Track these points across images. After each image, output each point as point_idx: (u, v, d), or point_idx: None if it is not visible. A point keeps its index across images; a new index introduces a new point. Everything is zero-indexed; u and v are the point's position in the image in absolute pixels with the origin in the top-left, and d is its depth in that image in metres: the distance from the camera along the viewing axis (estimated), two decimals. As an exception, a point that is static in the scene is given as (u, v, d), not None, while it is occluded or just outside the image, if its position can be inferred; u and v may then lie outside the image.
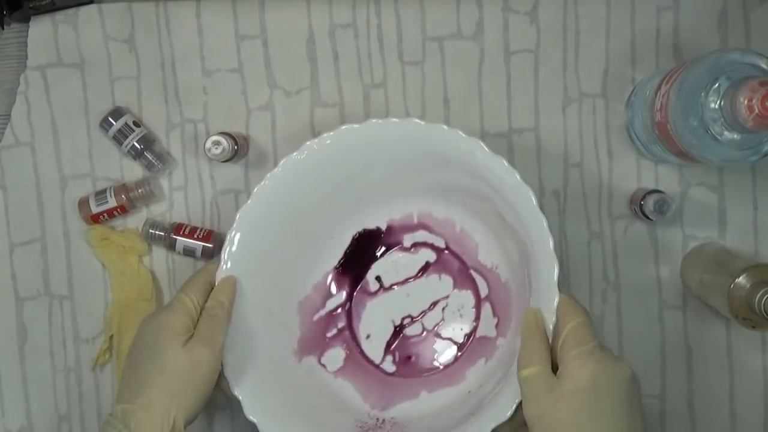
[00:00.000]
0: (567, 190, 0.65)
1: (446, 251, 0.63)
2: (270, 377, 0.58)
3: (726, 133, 0.52)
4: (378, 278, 0.63)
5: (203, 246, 0.64)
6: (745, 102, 0.48)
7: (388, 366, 0.63)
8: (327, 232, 0.62)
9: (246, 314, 0.58)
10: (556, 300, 0.51)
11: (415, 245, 0.63)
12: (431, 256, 0.63)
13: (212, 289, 0.57)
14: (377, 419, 0.61)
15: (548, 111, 0.65)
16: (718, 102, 0.51)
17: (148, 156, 0.65)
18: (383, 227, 0.63)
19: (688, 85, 0.52)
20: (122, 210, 0.65)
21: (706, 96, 0.51)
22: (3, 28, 0.66)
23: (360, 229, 0.63)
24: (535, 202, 0.52)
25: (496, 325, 0.61)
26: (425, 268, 0.63)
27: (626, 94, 0.64)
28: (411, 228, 0.63)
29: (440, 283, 0.63)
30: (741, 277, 0.55)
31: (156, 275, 0.67)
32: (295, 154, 0.57)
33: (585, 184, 0.65)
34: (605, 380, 0.47)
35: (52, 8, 0.65)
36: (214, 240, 0.64)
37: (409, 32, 0.65)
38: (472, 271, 0.62)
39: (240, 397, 0.56)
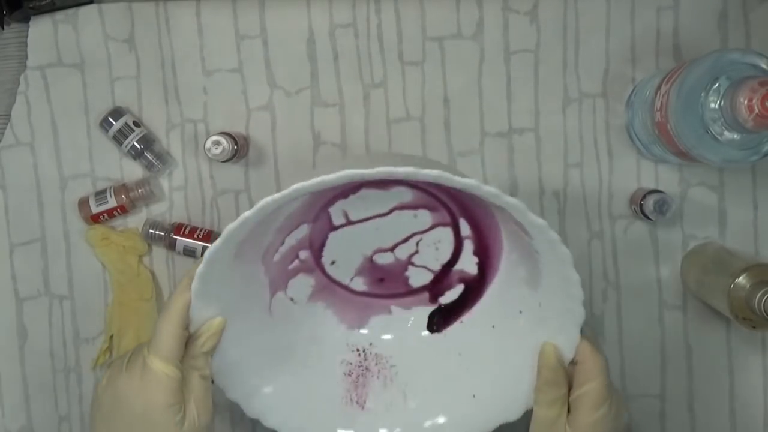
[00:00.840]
0: (567, 190, 0.65)
1: (424, 190, 0.57)
2: (258, 366, 0.56)
3: (726, 133, 0.52)
4: (345, 213, 0.59)
5: (203, 246, 0.64)
6: (745, 102, 0.48)
7: (358, 285, 0.61)
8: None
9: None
10: (576, 345, 0.51)
11: (387, 182, 0.56)
12: (406, 195, 0.57)
13: (186, 330, 0.51)
14: (358, 351, 0.60)
15: (548, 111, 0.65)
16: (718, 102, 0.51)
17: (148, 156, 0.65)
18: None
19: (688, 85, 0.52)
20: (122, 210, 0.65)
21: (706, 96, 0.51)
22: (3, 28, 0.66)
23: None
24: (572, 264, 0.48)
25: (477, 264, 0.59)
26: (398, 208, 0.58)
27: (626, 94, 0.64)
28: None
29: (416, 221, 0.59)
30: (741, 277, 0.55)
31: (156, 275, 0.67)
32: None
33: (585, 184, 0.65)
34: None
35: (52, 8, 0.65)
36: (214, 240, 0.64)
37: (409, 32, 0.65)
38: (455, 212, 0.58)
39: (239, 401, 0.55)
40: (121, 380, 0.49)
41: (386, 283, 0.61)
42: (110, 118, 0.64)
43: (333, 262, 0.60)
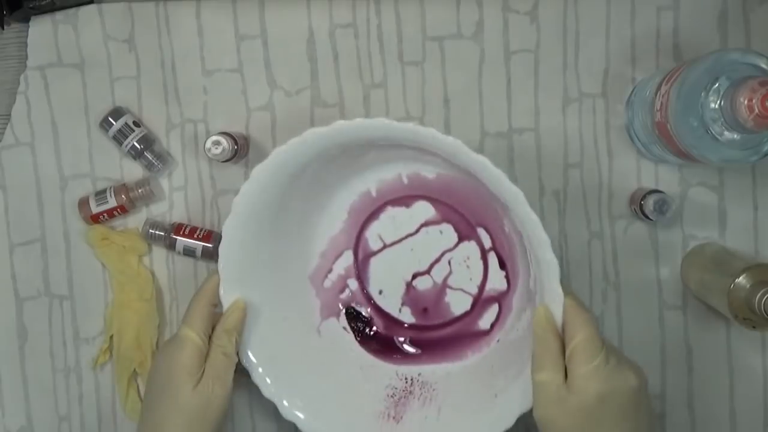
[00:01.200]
0: (567, 190, 0.65)
1: (441, 203, 0.62)
2: (298, 371, 0.60)
3: (726, 133, 0.52)
4: (380, 236, 0.63)
5: (203, 246, 0.64)
6: (745, 102, 0.48)
7: (407, 317, 0.64)
8: (318, 205, 0.62)
9: (260, 316, 0.59)
10: (561, 304, 0.51)
11: (410, 197, 0.62)
12: (429, 211, 0.62)
13: (214, 306, 0.57)
14: (406, 379, 0.62)
15: (548, 111, 0.65)
16: (718, 102, 0.51)
17: (148, 156, 0.65)
18: (373, 192, 0.62)
19: (688, 85, 0.52)
20: (122, 210, 0.65)
21: (706, 96, 0.51)
22: (3, 28, 0.66)
23: (354, 196, 0.62)
24: (527, 205, 0.50)
25: (506, 277, 0.62)
26: (424, 225, 0.62)
27: (626, 94, 0.64)
28: (402, 187, 0.62)
29: (442, 237, 0.62)
30: (741, 277, 0.55)
31: (156, 275, 0.67)
32: (283, 147, 0.55)
33: (585, 184, 0.65)
34: (610, 396, 0.49)
35: (52, 8, 0.65)
36: (214, 240, 0.64)
37: (409, 32, 0.65)
38: (471, 220, 0.62)
39: (282, 401, 0.59)
40: (160, 347, 0.61)
41: (430, 313, 0.64)
42: (110, 118, 0.64)
43: (380, 292, 0.64)
